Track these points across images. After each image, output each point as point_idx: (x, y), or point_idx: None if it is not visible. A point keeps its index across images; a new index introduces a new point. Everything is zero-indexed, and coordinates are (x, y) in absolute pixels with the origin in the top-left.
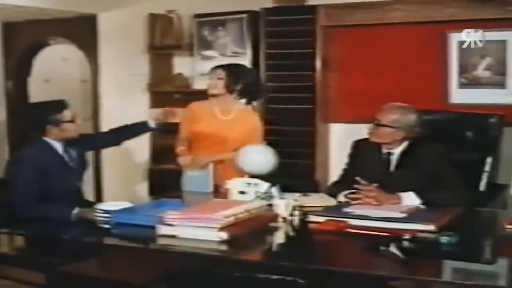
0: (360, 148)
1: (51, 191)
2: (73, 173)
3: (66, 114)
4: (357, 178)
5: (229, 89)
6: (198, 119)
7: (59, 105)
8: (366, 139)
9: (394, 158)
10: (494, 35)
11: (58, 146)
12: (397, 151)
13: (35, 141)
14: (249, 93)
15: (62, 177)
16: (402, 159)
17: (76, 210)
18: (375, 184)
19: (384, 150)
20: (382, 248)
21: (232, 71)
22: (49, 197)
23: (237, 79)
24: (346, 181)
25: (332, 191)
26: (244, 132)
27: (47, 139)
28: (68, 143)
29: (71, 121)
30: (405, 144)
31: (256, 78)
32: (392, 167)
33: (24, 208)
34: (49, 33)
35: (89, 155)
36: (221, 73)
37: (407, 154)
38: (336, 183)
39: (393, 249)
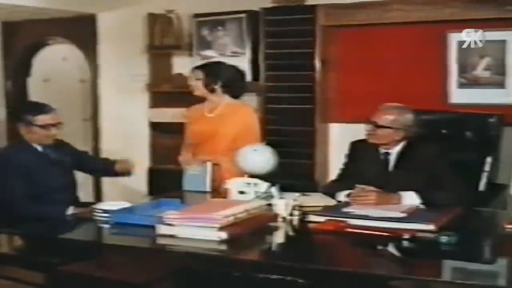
0: (357, 149)
1: (39, 188)
2: (57, 169)
3: (41, 118)
4: (357, 186)
5: (209, 89)
6: (194, 120)
7: (38, 109)
8: (363, 140)
9: (392, 158)
10: (493, 35)
11: (38, 147)
12: (394, 151)
13: (16, 142)
14: (232, 89)
15: (46, 173)
16: (400, 159)
17: (70, 210)
18: (372, 188)
19: (382, 151)
20: (379, 247)
21: (209, 71)
22: (39, 194)
23: (215, 78)
24: (343, 180)
25: (329, 190)
26: (236, 126)
27: (26, 140)
28: (55, 149)
29: (43, 126)
30: (402, 144)
31: (238, 74)
32: (390, 167)
33: (17, 206)
34: (48, 33)
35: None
36: (199, 74)
37: (405, 154)
38: (333, 182)
39: (391, 248)
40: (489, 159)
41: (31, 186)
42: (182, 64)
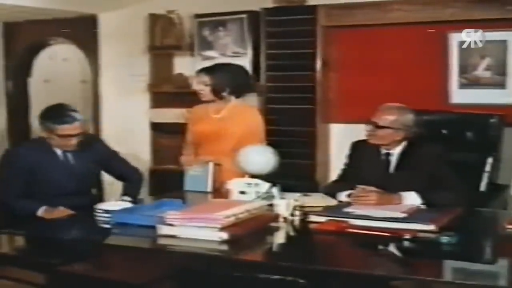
0: (358, 149)
1: (42, 190)
2: (70, 176)
3: (61, 128)
4: (358, 186)
5: (217, 95)
6: (197, 121)
7: (61, 118)
8: (364, 140)
9: (393, 159)
10: (494, 35)
11: (59, 151)
12: (395, 151)
13: (36, 140)
14: (239, 91)
15: (55, 178)
16: (402, 160)
17: (41, 211)
18: (372, 188)
19: (383, 151)
20: (380, 247)
21: (218, 77)
22: (40, 196)
23: (223, 85)
24: (344, 180)
25: (330, 190)
26: (242, 128)
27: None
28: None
29: (62, 136)
30: (403, 144)
31: (245, 76)
32: (392, 168)
33: (4, 202)
34: (49, 33)
35: None
36: (206, 79)
37: (406, 155)
38: (334, 182)
39: (392, 248)
40: (490, 160)
41: (33, 186)
42: (183, 65)
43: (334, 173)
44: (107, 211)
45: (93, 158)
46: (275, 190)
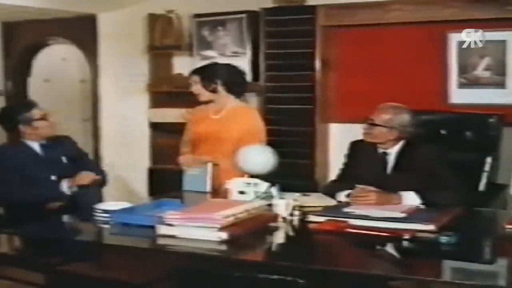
0: (357, 149)
1: (32, 182)
2: (50, 167)
3: (35, 112)
4: (357, 186)
5: (209, 90)
6: (197, 121)
7: (27, 105)
8: (363, 140)
9: (390, 159)
10: (493, 35)
11: (36, 146)
12: (393, 151)
13: (8, 142)
14: (233, 86)
15: (38, 170)
16: (399, 160)
17: (64, 185)
18: (372, 188)
19: (380, 150)
20: (379, 247)
21: (205, 72)
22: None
23: (211, 78)
24: (343, 180)
25: (329, 190)
26: (240, 130)
27: (24, 140)
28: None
29: (42, 118)
30: (400, 144)
31: (234, 70)
32: (389, 168)
33: (9, 193)
34: (49, 33)
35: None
36: (195, 78)
37: (404, 155)
38: (333, 182)
39: (391, 248)
40: (489, 159)
41: (24, 180)
42: (182, 64)
43: (333, 173)
44: (106, 211)
45: (66, 153)
46: (274, 190)
